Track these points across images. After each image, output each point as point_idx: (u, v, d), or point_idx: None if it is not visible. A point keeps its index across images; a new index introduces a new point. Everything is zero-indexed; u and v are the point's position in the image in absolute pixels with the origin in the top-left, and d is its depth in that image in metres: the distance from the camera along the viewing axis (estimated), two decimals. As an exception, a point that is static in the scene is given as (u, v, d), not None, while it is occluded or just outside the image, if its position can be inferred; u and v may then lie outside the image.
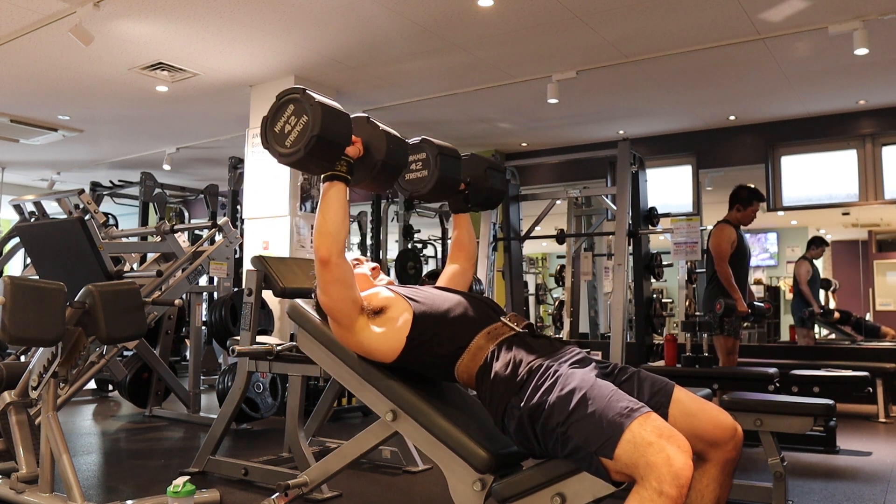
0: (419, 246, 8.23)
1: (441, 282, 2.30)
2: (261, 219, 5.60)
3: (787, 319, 8.98)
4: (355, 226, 8.02)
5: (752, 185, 4.89)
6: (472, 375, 1.84)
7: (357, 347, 1.95)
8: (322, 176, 1.85)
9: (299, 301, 2.26)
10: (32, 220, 5.76)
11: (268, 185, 5.51)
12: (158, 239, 4.98)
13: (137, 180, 7.65)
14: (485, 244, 5.79)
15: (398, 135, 1.99)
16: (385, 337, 1.89)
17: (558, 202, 6.58)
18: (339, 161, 1.83)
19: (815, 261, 7.24)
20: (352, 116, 1.91)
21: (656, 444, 1.44)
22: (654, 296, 5.72)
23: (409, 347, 1.87)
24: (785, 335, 8.70)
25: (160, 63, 5.07)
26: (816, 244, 7.20)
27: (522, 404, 1.67)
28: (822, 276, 7.96)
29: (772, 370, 4.20)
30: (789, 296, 8.19)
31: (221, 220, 5.00)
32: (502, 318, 1.91)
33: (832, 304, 8.15)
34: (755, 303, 4.76)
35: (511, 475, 1.77)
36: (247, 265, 5.27)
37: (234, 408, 3.31)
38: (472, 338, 1.85)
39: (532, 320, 1.82)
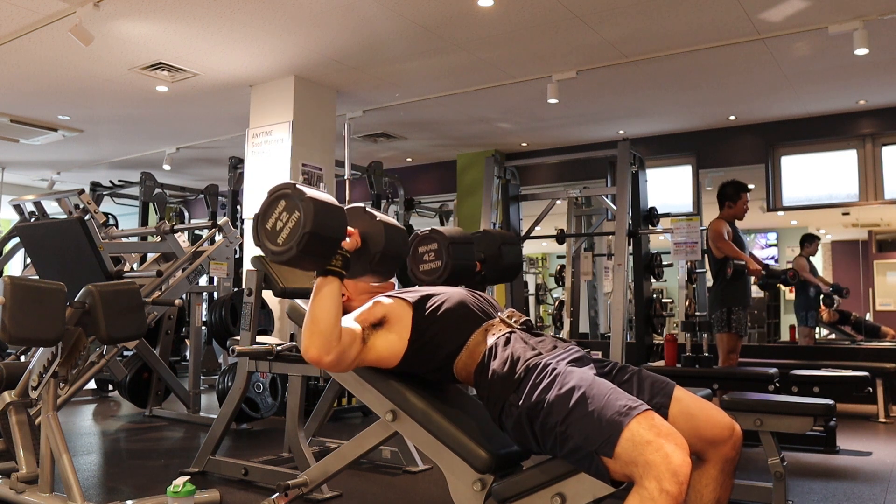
0: (419, 246, 8.22)
1: None
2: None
3: (787, 319, 8.97)
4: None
5: (735, 179, 4.92)
6: (470, 373, 1.84)
7: (367, 364, 1.92)
8: (315, 272, 1.76)
9: (299, 301, 2.26)
10: (32, 220, 5.76)
11: (268, 185, 5.46)
12: (158, 239, 4.98)
13: (137, 180, 7.66)
14: (485, 244, 5.78)
15: (396, 223, 1.91)
16: (388, 346, 1.86)
17: (558, 202, 6.57)
18: (334, 256, 1.74)
19: (811, 258, 7.24)
20: (347, 208, 1.84)
21: (654, 443, 1.45)
22: (654, 296, 5.72)
23: (411, 350, 1.87)
24: (785, 335, 8.69)
25: (160, 63, 5.07)
26: (809, 241, 7.20)
27: (521, 402, 1.67)
28: (821, 276, 7.95)
29: (772, 370, 4.20)
30: (790, 296, 8.18)
31: (221, 220, 5.00)
32: (500, 315, 1.91)
33: (833, 305, 8.13)
34: (785, 273, 4.74)
35: (511, 475, 1.77)
36: (247, 265, 5.27)
37: (234, 408, 3.31)
38: (470, 335, 1.85)
39: (532, 320, 1.82)
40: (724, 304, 4.72)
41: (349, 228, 1.79)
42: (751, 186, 4.98)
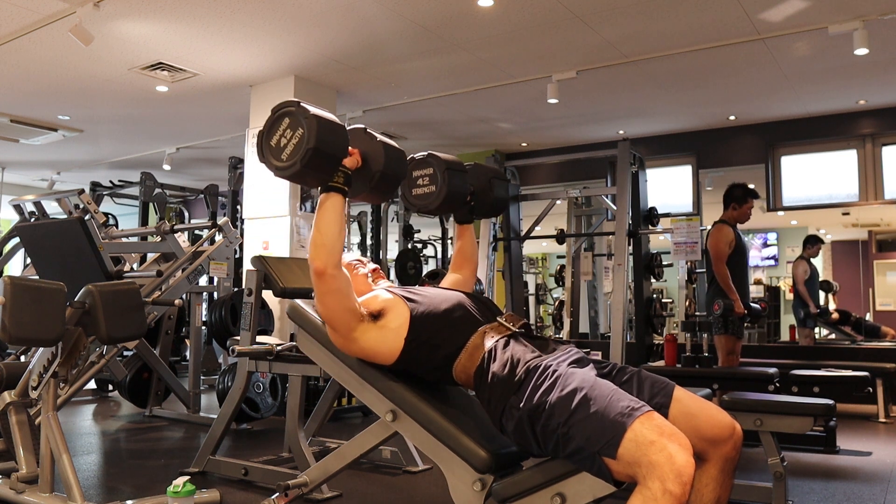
0: (419, 246, 8.23)
1: (444, 285, 2.31)
2: (261, 219, 5.60)
3: (787, 319, 8.98)
4: (355, 226, 8.03)
5: (746, 183, 4.87)
6: (469, 376, 1.84)
7: (357, 353, 1.94)
8: (319, 188, 1.84)
9: (299, 301, 2.26)
10: (32, 220, 5.76)
11: (268, 185, 5.50)
12: (158, 239, 4.98)
13: (137, 180, 7.65)
14: (485, 244, 5.79)
15: (396, 145, 1.98)
16: (384, 340, 1.88)
17: (558, 202, 6.57)
18: (336, 173, 1.82)
19: (812, 259, 7.24)
20: (349, 128, 1.90)
21: (658, 443, 1.45)
22: (654, 296, 5.71)
23: (408, 349, 1.87)
24: (785, 335, 8.70)
25: (160, 63, 5.07)
26: (812, 242, 7.20)
27: (522, 405, 1.67)
28: (822, 276, 7.96)
29: (772, 370, 4.20)
30: (789, 296, 8.19)
31: (221, 220, 5.00)
32: (499, 318, 1.92)
33: (832, 306, 8.14)
34: (751, 304, 4.74)
35: (511, 475, 1.77)
36: (247, 265, 5.27)
37: (234, 408, 3.31)
38: (468, 337, 1.85)
39: (532, 320, 1.82)
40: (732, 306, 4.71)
41: (351, 148, 1.87)
42: (751, 186, 4.96)
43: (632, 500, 1.46)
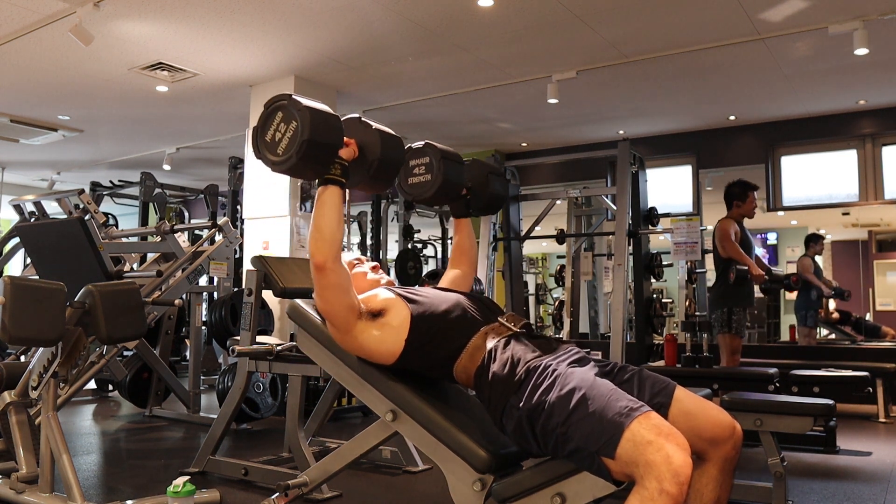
0: (419, 246, 8.23)
1: (443, 284, 2.30)
2: (261, 219, 5.60)
3: (787, 319, 8.97)
4: (355, 226, 8.03)
5: (741, 179, 4.87)
6: (470, 376, 1.84)
7: (357, 351, 1.94)
8: (317, 180, 1.84)
9: (299, 301, 2.26)
10: (32, 220, 5.76)
11: (268, 185, 5.51)
12: (158, 239, 4.98)
13: (137, 180, 7.66)
14: (485, 244, 5.79)
15: (392, 132, 1.97)
16: (384, 339, 1.88)
17: (558, 202, 6.57)
18: (333, 164, 1.81)
19: (816, 258, 7.24)
20: (343, 118, 1.89)
21: (655, 443, 1.45)
22: (654, 296, 5.72)
23: (408, 349, 1.87)
24: (785, 335, 8.69)
25: (160, 63, 5.07)
26: (814, 241, 7.19)
27: (521, 404, 1.67)
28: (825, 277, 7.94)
29: (772, 370, 4.20)
30: (790, 296, 8.17)
31: (221, 220, 5.00)
32: (500, 319, 1.92)
33: (832, 306, 8.14)
34: (773, 269, 4.70)
35: (511, 475, 1.77)
36: (247, 265, 5.27)
37: (234, 408, 3.31)
38: (469, 338, 1.85)
39: (532, 320, 1.82)
40: (725, 305, 4.70)
41: (347, 139, 1.85)
42: (741, 179, 4.94)
43: (629, 500, 1.46)
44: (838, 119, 6.35)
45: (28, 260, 5.95)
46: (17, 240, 5.47)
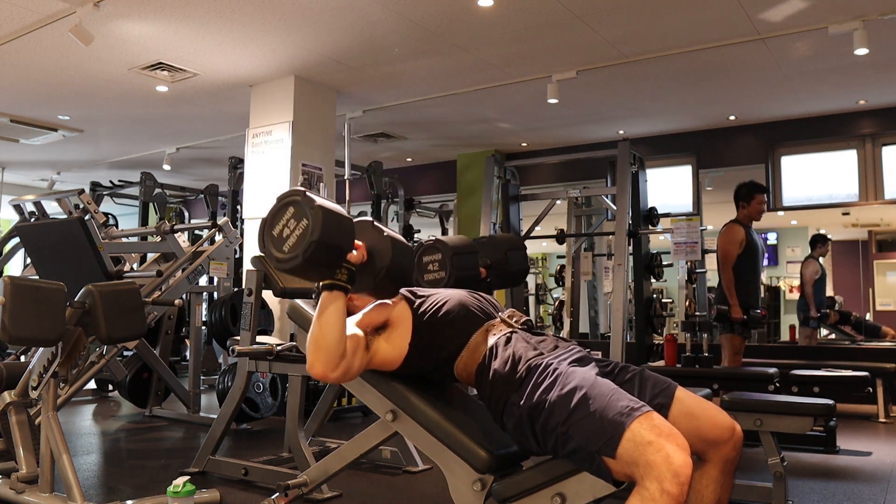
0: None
1: None
2: (261, 219, 5.59)
3: (787, 319, 8.97)
4: (355, 226, 8.01)
5: (752, 180, 4.79)
6: (471, 373, 1.84)
7: (370, 369, 1.92)
8: (321, 284, 1.73)
9: (299, 301, 2.26)
10: (32, 220, 5.76)
11: (268, 185, 5.50)
12: (158, 239, 4.98)
13: (137, 180, 7.66)
14: (485, 244, 5.78)
15: (403, 240, 1.90)
16: (392, 349, 1.86)
17: (558, 202, 6.57)
18: (340, 269, 1.71)
19: (821, 259, 7.24)
20: (355, 220, 1.81)
21: (656, 443, 1.45)
22: (654, 296, 5.72)
23: (412, 352, 1.87)
24: (785, 335, 8.69)
25: (160, 63, 5.07)
26: (821, 242, 7.18)
27: (522, 402, 1.67)
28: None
29: (772, 370, 4.20)
30: (790, 296, 8.18)
31: (221, 220, 5.00)
32: (500, 315, 1.91)
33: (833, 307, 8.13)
34: (752, 310, 4.56)
35: (511, 475, 1.77)
36: (247, 265, 5.27)
37: (234, 408, 3.31)
38: (471, 335, 1.85)
39: (532, 319, 1.83)
40: (726, 304, 4.68)
41: (356, 242, 1.77)
42: (749, 181, 4.88)
43: (630, 501, 1.46)
44: (838, 119, 6.35)
45: (28, 260, 5.95)
46: (17, 240, 5.47)
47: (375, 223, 1.88)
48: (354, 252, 1.75)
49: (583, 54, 4.91)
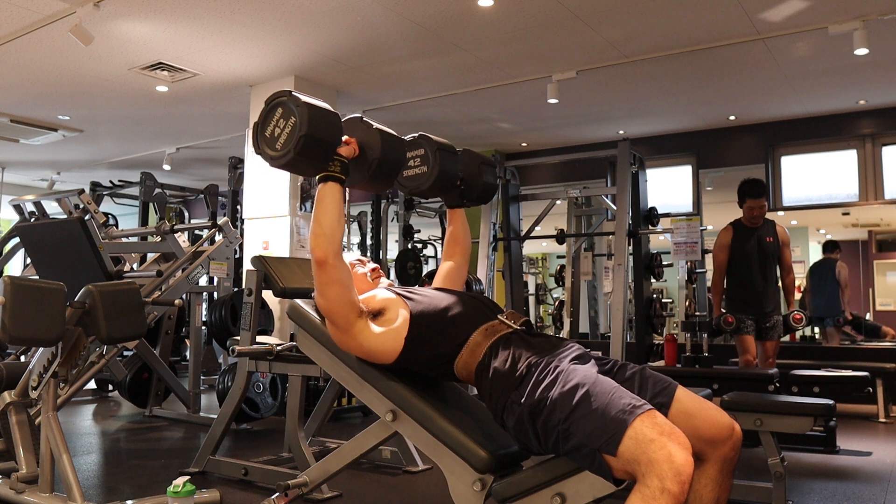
0: (419, 246, 8.23)
1: (438, 279, 2.32)
2: (261, 219, 5.60)
3: (786, 319, 8.96)
4: (355, 226, 8.03)
5: (753, 178, 4.74)
6: (471, 372, 1.84)
7: (356, 351, 1.95)
8: (317, 177, 1.85)
9: (299, 301, 2.26)
10: (32, 220, 5.76)
11: (268, 185, 5.51)
12: (158, 239, 4.98)
13: (137, 180, 7.66)
14: (485, 244, 5.79)
15: (393, 133, 1.98)
16: (384, 339, 1.88)
17: (558, 202, 6.57)
18: (331, 161, 1.83)
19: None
20: (345, 118, 1.91)
21: (657, 441, 1.45)
22: (654, 296, 5.72)
23: (408, 348, 1.88)
24: (785, 335, 8.69)
25: (160, 63, 5.07)
26: (837, 246, 7.26)
27: (523, 400, 1.67)
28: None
29: (772, 370, 4.20)
30: (797, 294, 8.16)
31: (221, 220, 5.00)
32: (499, 316, 1.92)
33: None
34: (721, 317, 4.47)
35: (511, 475, 1.77)
36: (247, 265, 5.27)
37: (234, 408, 3.31)
38: (469, 335, 1.86)
39: (532, 320, 1.83)
40: (728, 308, 4.67)
41: (347, 137, 1.87)
42: (747, 181, 4.78)
43: (631, 499, 1.46)
44: (838, 119, 6.35)
45: (28, 260, 5.95)
46: (17, 240, 5.47)
47: (364, 118, 1.97)
48: (346, 146, 1.87)
49: (583, 54, 4.91)
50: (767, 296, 4.61)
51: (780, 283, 4.75)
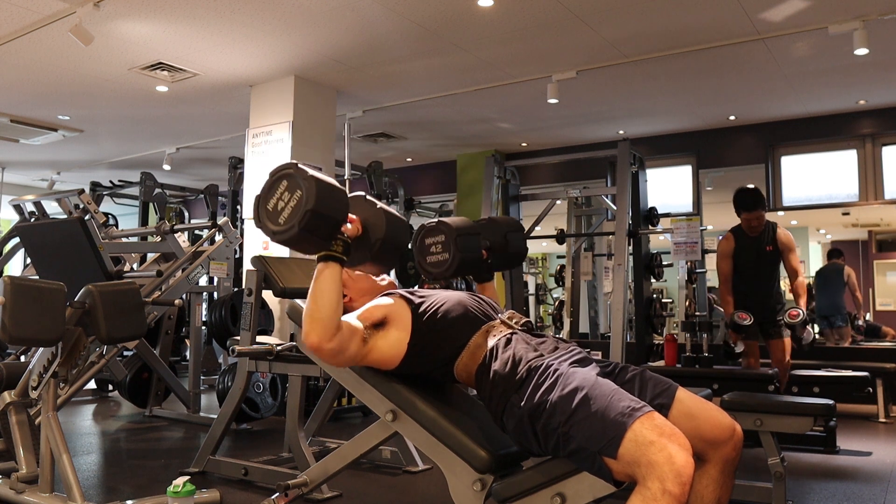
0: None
1: None
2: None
3: (787, 319, 8.96)
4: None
5: (748, 188, 4.55)
6: (471, 374, 1.84)
7: (366, 365, 1.92)
8: (316, 256, 1.74)
9: (299, 301, 2.26)
10: (32, 220, 5.76)
11: (268, 185, 5.50)
12: (158, 239, 4.98)
13: (137, 180, 7.66)
14: (485, 244, 5.77)
15: (398, 214, 1.93)
16: (390, 347, 1.86)
17: (558, 202, 6.57)
18: (335, 240, 1.72)
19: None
20: (349, 196, 1.84)
21: (658, 443, 1.45)
22: (654, 296, 5.72)
23: (411, 352, 1.87)
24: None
25: (160, 63, 5.07)
26: (837, 256, 7.29)
27: (523, 403, 1.67)
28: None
29: (772, 370, 4.20)
30: (790, 296, 8.17)
31: (221, 220, 5.00)
32: (500, 317, 1.92)
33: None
34: (735, 317, 4.36)
35: (511, 475, 1.77)
36: (247, 265, 5.27)
37: (234, 408, 3.31)
38: (470, 336, 1.85)
39: (532, 320, 1.83)
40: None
41: (351, 215, 1.79)
42: (743, 190, 4.60)
43: (631, 500, 1.46)
44: (838, 119, 6.35)
45: (28, 260, 5.95)
46: (17, 240, 5.47)
47: (368, 197, 1.91)
48: (349, 225, 1.78)
49: (583, 54, 4.91)
50: (769, 305, 4.55)
51: (782, 286, 4.73)
